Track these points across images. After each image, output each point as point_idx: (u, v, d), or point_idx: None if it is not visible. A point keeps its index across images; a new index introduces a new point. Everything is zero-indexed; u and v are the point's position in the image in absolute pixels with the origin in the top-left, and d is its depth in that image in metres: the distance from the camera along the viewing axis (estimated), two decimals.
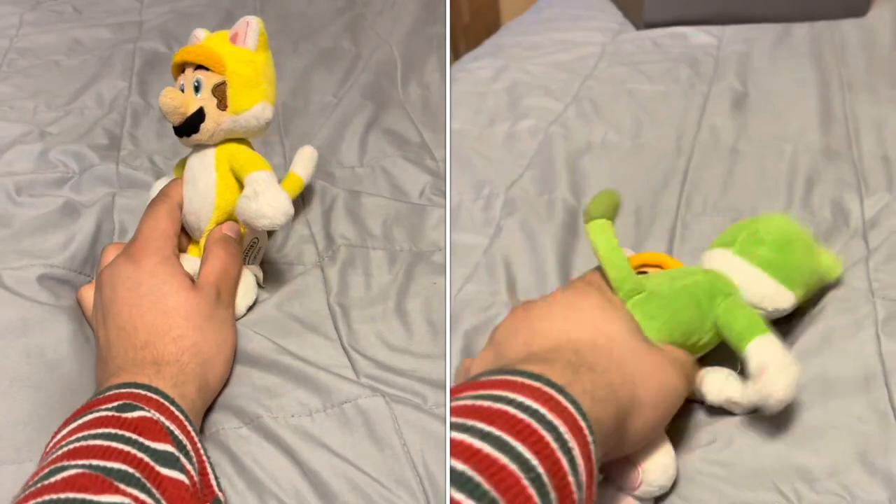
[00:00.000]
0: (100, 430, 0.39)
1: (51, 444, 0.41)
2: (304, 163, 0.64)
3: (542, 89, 0.91)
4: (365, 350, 0.52)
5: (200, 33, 0.56)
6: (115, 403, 0.41)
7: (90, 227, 0.60)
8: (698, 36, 1.02)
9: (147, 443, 0.39)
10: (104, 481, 0.36)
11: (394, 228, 0.62)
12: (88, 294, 0.53)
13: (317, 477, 0.44)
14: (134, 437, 0.39)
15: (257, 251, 0.57)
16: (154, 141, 0.76)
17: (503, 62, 0.99)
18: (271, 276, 0.59)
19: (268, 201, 0.50)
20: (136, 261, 0.50)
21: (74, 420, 0.41)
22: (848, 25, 1.01)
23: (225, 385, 0.50)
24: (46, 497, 0.35)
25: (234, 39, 0.54)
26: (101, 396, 0.42)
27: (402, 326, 0.54)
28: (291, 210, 0.51)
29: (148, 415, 0.41)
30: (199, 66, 0.53)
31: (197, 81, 0.53)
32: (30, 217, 0.61)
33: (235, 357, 0.51)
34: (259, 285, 0.57)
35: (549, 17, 1.17)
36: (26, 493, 0.36)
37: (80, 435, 0.39)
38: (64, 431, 0.41)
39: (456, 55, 1.10)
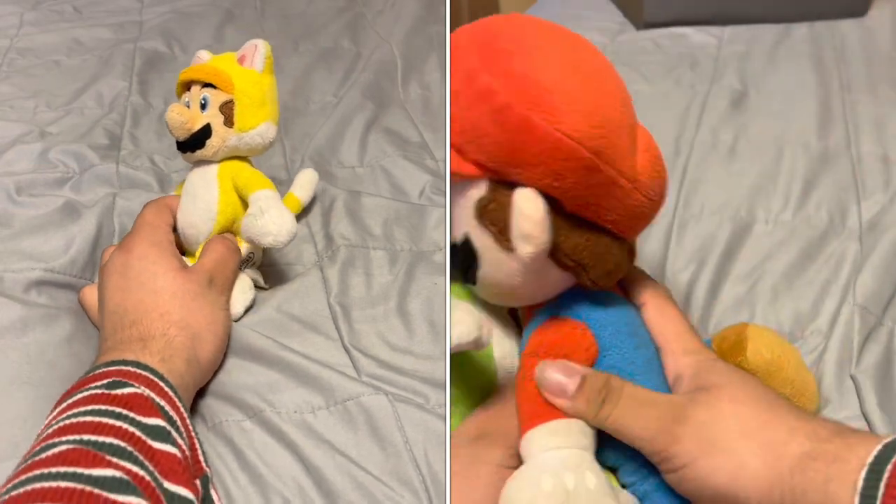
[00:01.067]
0: (91, 407, 0.39)
1: (44, 425, 0.41)
2: (304, 185, 0.64)
3: None
4: (366, 350, 0.52)
5: (204, 55, 0.57)
6: (105, 381, 0.41)
7: (90, 230, 0.60)
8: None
9: (138, 418, 0.39)
10: (95, 455, 0.36)
11: (394, 228, 0.62)
12: (91, 294, 0.54)
13: (319, 474, 0.44)
14: (125, 412, 0.39)
15: (252, 263, 0.58)
16: (154, 141, 0.76)
17: None
18: (272, 276, 0.59)
19: (272, 219, 0.52)
20: (128, 249, 0.51)
21: (65, 399, 0.41)
22: (848, 26, 1.01)
23: (225, 375, 0.50)
24: (37, 471, 0.35)
25: (241, 61, 0.56)
26: (91, 375, 0.43)
27: (403, 326, 0.54)
28: (295, 229, 0.53)
29: (138, 391, 0.41)
30: (207, 85, 0.54)
31: (204, 99, 0.54)
32: (30, 217, 0.61)
33: (237, 352, 0.52)
34: (260, 287, 0.57)
35: (548, 17, 1.17)
36: (17, 470, 0.36)
37: (71, 412, 0.39)
38: (55, 411, 0.41)
39: None
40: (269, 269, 0.60)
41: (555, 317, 0.41)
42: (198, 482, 0.40)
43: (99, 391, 0.41)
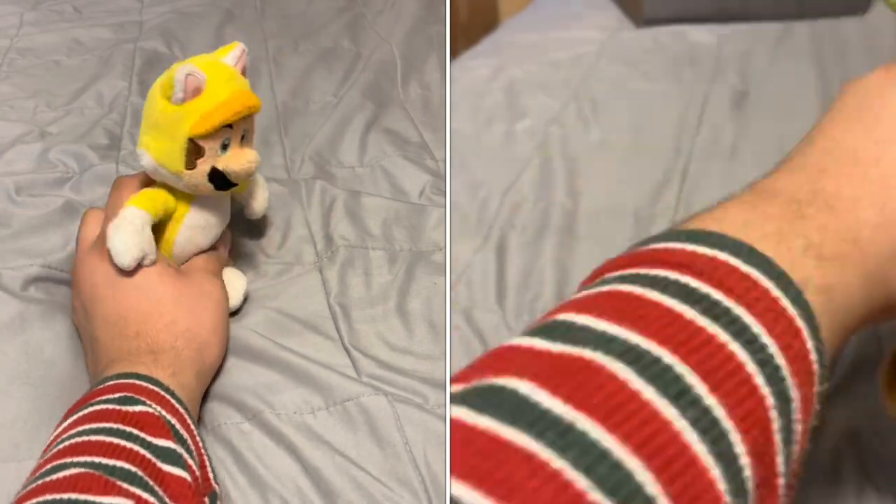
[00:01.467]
0: (102, 425, 0.39)
1: (53, 437, 0.40)
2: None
3: (540, 88, 0.91)
4: (366, 350, 0.52)
5: (200, 74, 0.46)
6: (117, 395, 0.41)
7: None
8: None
9: (149, 439, 0.39)
10: (107, 481, 0.36)
11: (394, 228, 0.62)
12: None
13: (318, 475, 0.44)
14: (136, 432, 0.39)
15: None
16: None
17: (501, 61, 0.99)
18: (271, 276, 0.59)
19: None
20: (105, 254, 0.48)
21: (76, 411, 0.41)
22: (848, 24, 1.01)
23: (225, 375, 0.50)
24: (49, 496, 0.35)
25: (242, 71, 0.50)
26: (102, 386, 0.42)
27: (403, 326, 0.54)
28: None
29: (149, 410, 0.40)
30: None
31: (245, 131, 0.49)
32: (30, 217, 0.61)
33: (236, 352, 0.51)
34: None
35: (547, 15, 1.17)
36: (28, 489, 0.36)
37: (81, 428, 0.39)
38: (65, 423, 0.40)
39: (454, 54, 1.10)
40: (269, 268, 0.60)
41: None
42: (206, 500, 0.40)
43: (111, 406, 0.40)
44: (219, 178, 0.48)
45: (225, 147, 0.48)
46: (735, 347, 0.21)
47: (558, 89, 0.90)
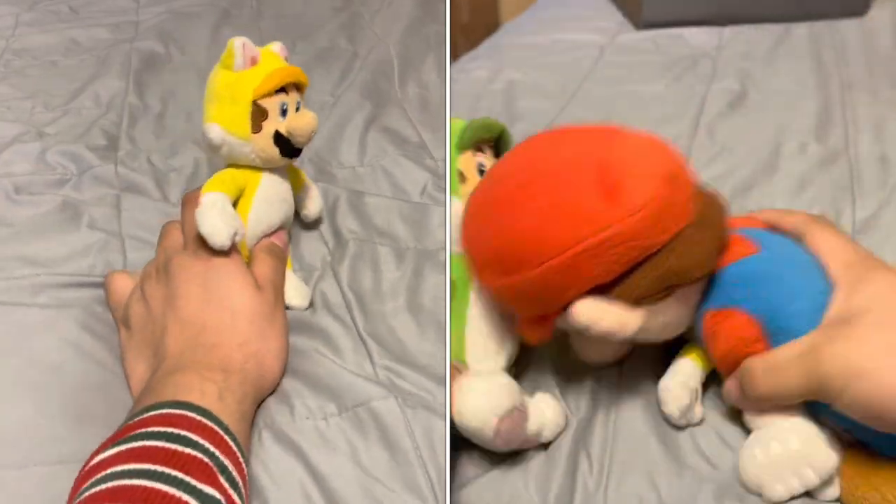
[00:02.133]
0: (146, 466, 0.37)
1: (94, 463, 0.38)
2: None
3: (538, 90, 0.91)
4: (379, 343, 0.52)
5: (254, 46, 0.53)
6: (169, 430, 0.39)
7: (93, 235, 0.59)
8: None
9: (196, 485, 0.37)
10: None
11: (399, 226, 0.62)
12: (121, 280, 0.52)
13: (326, 483, 0.43)
14: (181, 476, 0.37)
15: None
16: (152, 140, 0.76)
17: (501, 63, 0.99)
18: None
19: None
20: (206, 258, 0.49)
21: (123, 440, 0.39)
22: (847, 25, 1.01)
23: None
24: None
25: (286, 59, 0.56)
26: (154, 414, 0.40)
27: (413, 324, 0.53)
28: None
29: (199, 455, 0.38)
30: (296, 86, 0.54)
31: (298, 103, 0.54)
32: (31, 219, 0.60)
33: None
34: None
35: (548, 16, 1.17)
36: None
37: (125, 468, 0.37)
38: (110, 452, 0.38)
39: (454, 55, 1.10)
40: None
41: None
42: None
43: (160, 444, 0.38)
44: (284, 143, 0.53)
45: (284, 113, 0.53)
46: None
47: (556, 92, 0.90)
